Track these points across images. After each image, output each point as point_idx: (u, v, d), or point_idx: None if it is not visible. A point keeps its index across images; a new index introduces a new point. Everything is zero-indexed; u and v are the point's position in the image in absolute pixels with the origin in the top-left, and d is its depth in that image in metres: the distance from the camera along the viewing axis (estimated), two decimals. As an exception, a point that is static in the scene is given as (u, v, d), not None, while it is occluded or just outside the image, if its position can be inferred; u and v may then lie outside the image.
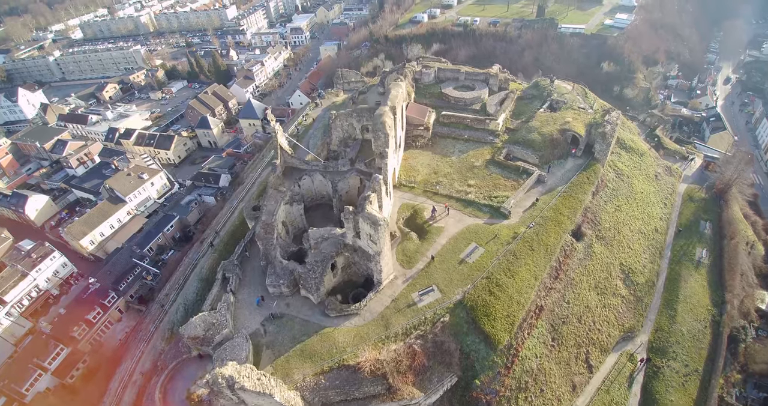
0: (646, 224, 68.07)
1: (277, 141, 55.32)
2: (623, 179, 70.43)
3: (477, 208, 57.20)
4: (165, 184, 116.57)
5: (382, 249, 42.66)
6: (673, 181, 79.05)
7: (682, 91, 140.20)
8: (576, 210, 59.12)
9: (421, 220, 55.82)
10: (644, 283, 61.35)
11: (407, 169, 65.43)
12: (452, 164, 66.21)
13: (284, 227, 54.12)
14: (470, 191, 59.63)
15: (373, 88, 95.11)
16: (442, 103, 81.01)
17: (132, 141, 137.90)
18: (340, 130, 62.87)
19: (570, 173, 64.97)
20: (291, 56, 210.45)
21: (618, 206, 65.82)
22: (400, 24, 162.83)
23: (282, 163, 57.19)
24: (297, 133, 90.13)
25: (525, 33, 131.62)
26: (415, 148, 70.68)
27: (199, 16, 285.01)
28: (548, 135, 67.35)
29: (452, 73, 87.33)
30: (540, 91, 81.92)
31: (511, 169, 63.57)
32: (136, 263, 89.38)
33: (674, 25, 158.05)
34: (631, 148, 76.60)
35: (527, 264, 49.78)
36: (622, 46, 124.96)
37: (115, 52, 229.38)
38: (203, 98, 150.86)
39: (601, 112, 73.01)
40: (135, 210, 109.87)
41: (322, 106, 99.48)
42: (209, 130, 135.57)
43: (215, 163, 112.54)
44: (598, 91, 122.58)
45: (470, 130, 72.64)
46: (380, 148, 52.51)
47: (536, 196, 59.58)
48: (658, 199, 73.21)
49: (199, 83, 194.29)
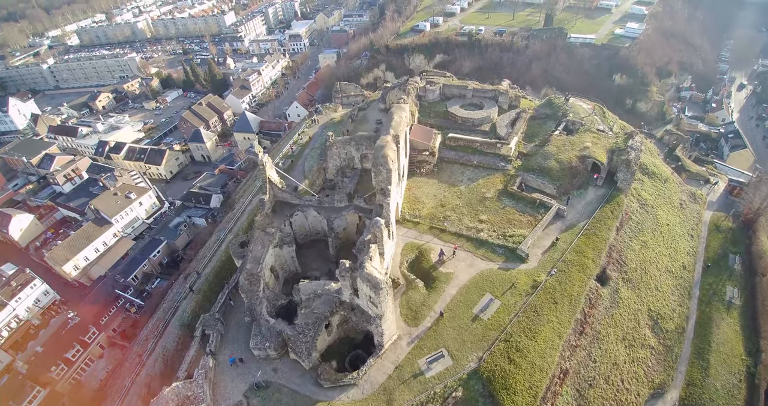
0: (673, 260, 61.89)
1: (266, 174, 49.23)
2: (647, 210, 64.25)
3: (490, 249, 50.99)
4: (154, 203, 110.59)
5: (384, 312, 36.48)
6: (699, 209, 72.79)
7: (697, 104, 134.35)
8: (600, 250, 52.93)
9: (428, 264, 49.64)
10: (674, 330, 55.16)
11: (411, 200, 59.30)
12: (461, 195, 60.07)
13: (273, 273, 47.97)
14: (482, 229, 53.46)
15: (374, 104, 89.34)
16: (449, 124, 75.08)
17: (122, 155, 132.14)
18: (337, 158, 56.86)
19: (591, 206, 58.83)
20: (289, 64, 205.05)
21: (644, 242, 59.62)
22: (402, 33, 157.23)
23: (271, 199, 51.12)
24: (292, 153, 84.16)
25: (532, 43, 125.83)
26: (419, 175, 64.58)
27: (196, 23, 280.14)
28: (566, 162, 61.26)
29: (459, 89, 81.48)
30: (554, 110, 75.87)
31: (526, 201, 57.41)
32: (120, 294, 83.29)
33: (685, 33, 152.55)
34: (654, 173, 70.41)
35: (550, 320, 43.54)
36: (635, 57, 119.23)
37: (109, 60, 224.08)
38: (197, 110, 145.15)
39: (623, 136, 66.92)
40: (122, 232, 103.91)
41: (318, 123, 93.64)
42: (202, 144, 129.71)
43: (207, 182, 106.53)
44: (610, 105, 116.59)
45: (480, 154, 66.55)
46: (381, 184, 46.46)
47: (556, 234, 53.41)
48: (684, 231, 67.03)
49: (194, 92, 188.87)
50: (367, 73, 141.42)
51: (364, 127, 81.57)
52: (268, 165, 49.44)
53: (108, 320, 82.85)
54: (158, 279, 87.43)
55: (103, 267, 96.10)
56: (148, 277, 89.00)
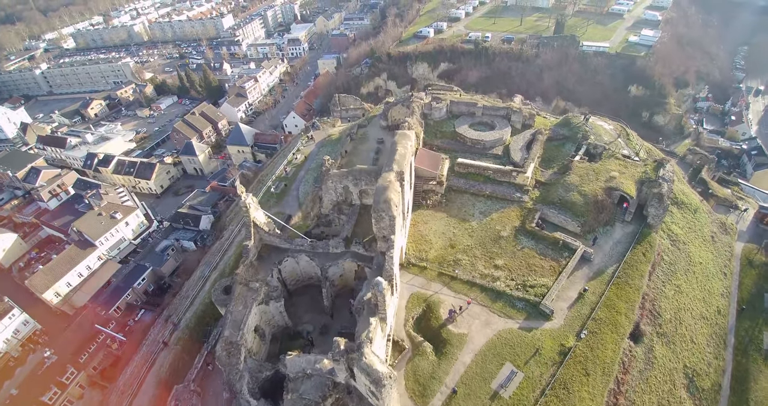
0: (707, 305, 55.46)
1: (249, 217, 42.76)
2: (679, 247, 57.67)
3: (509, 302, 44.42)
4: (141, 222, 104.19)
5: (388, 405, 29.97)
6: (730, 242, 66.13)
7: (714, 116, 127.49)
8: (633, 302, 46.40)
9: (437, 321, 43.11)
10: (710, 388, 48.97)
11: (417, 239, 52.75)
12: (473, 232, 53.47)
13: (258, 333, 41.46)
14: (498, 276, 46.88)
15: (375, 120, 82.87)
16: (457, 146, 68.54)
17: (111, 169, 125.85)
18: (333, 193, 50.36)
19: (620, 247, 52.24)
20: (288, 70, 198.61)
21: (677, 287, 53.10)
22: (404, 39, 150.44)
23: (257, 244, 44.65)
24: (285, 175, 77.62)
25: (543, 52, 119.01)
26: (425, 207, 57.98)
27: (194, 26, 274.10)
28: (591, 195, 54.65)
29: (467, 107, 74.92)
30: (572, 130, 69.22)
31: (547, 242, 50.81)
32: (100, 329, 76.94)
33: (700, 40, 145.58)
34: (683, 203, 63.77)
35: (582, 397, 36.99)
36: (652, 67, 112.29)
37: (103, 65, 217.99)
38: (190, 120, 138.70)
39: (652, 163, 60.30)
40: (107, 254, 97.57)
41: (315, 139, 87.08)
42: (194, 157, 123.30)
43: (197, 200, 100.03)
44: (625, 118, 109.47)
45: (493, 183, 59.97)
46: (383, 231, 39.99)
47: (583, 283, 46.88)
48: (717, 269, 60.51)
49: (189, 99, 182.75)
50: (368, 82, 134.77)
51: (365, 146, 75.15)
52: (253, 206, 43.00)
53: (88, 358, 76.50)
54: (142, 311, 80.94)
55: (86, 293, 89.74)
56: (132, 308, 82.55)
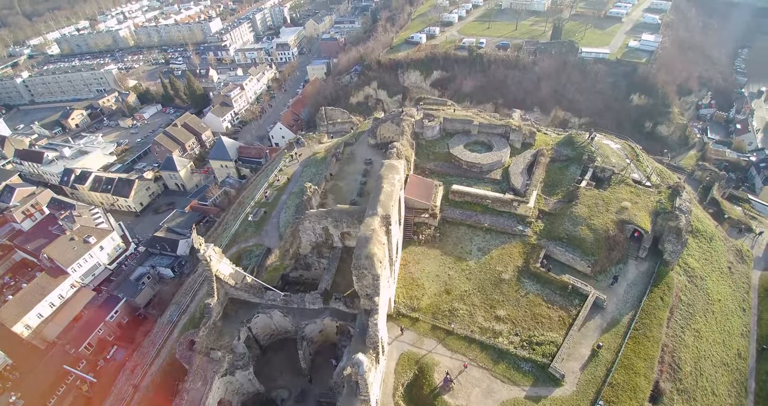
0: (727, 348, 50.33)
1: (211, 271, 36.84)
2: (697, 284, 52.40)
3: (513, 364, 38.74)
4: (118, 245, 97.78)
5: None
6: (747, 271, 61.02)
7: (718, 124, 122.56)
8: (652, 358, 40.94)
9: (430, 387, 37.35)
10: (735, 447, 43.53)
11: (408, 283, 46.94)
12: (470, 274, 47.74)
13: None
14: (500, 331, 41.19)
15: (363, 137, 77.33)
16: (452, 169, 62.87)
17: (87, 186, 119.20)
18: (312, 233, 44.48)
19: (635, 289, 46.78)
20: (276, 76, 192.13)
21: (697, 332, 47.82)
22: (395, 45, 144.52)
23: (221, 300, 38.72)
24: (266, 200, 71.74)
25: (540, 59, 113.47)
26: (417, 243, 52.17)
27: (180, 30, 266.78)
28: (602, 230, 49.08)
29: (462, 124, 69.40)
30: (577, 151, 63.66)
31: (554, 286, 45.21)
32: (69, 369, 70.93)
33: (702, 44, 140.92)
34: (699, 231, 58.44)
35: None
36: (655, 75, 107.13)
37: (85, 73, 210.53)
38: (171, 132, 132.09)
39: (666, 190, 54.85)
40: (80, 281, 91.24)
41: (299, 159, 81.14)
42: (175, 173, 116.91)
43: (175, 221, 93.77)
44: (627, 129, 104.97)
45: (492, 214, 54.36)
46: (366, 290, 34.23)
47: (596, 337, 41.37)
48: (735, 305, 55.44)
49: (174, 108, 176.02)
50: (357, 92, 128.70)
51: (351, 167, 69.48)
52: (215, 258, 37.01)
53: (57, 401, 70.53)
54: (114, 348, 74.82)
55: (58, 325, 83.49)
56: (104, 344, 76.38)
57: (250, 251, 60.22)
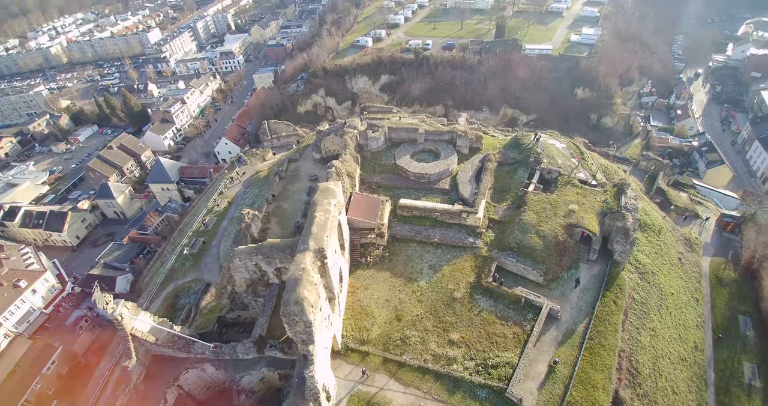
0: (684, 342, 50.27)
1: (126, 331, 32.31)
2: (649, 280, 52.19)
3: (469, 393, 36.39)
4: (53, 286, 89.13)
5: None
6: (697, 259, 61.84)
7: (660, 111, 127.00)
8: (610, 368, 39.73)
9: (384, 431, 34.45)
10: (699, 447, 43.24)
11: (356, 312, 43.80)
12: (422, 296, 45.17)
13: None
14: (455, 357, 38.77)
15: (307, 152, 74.09)
16: (399, 182, 60.29)
17: (17, 222, 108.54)
18: (245, 271, 40.47)
19: (588, 294, 45.73)
20: (221, 87, 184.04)
21: (653, 330, 47.36)
22: (341, 49, 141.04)
23: (142, 360, 34.18)
24: (204, 228, 66.66)
25: (486, 58, 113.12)
26: (365, 267, 49.15)
27: (116, 43, 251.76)
28: (551, 236, 47.78)
29: (408, 133, 67.09)
30: (523, 153, 62.59)
31: (507, 301, 43.32)
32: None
33: (639, 34, 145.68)
34: (647, 224, 58.53)
35: None
36: (596, 68, 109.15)
37: (13, 97, 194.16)
38: (106, 155, 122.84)
39: (611, 189, 54.44)
40: (15, 329, 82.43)
41: (241, 179, 76.34)
42: (112, 200, 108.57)
43: (113, 255, 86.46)
44: (573, 123, 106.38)
45: (442, 228, 52.07)
46: (299, 336, 30.80)
47: (552, 351, 39.75)
48: (688, 296, 55.74)
49: (111, 127, 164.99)
50: (305, 100, 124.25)
51: (295, 186, 65.81)
52: (127, 316, 32.50)
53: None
54: (54, 402, 67.50)
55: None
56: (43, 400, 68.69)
57: (188, 288, 55.19)
